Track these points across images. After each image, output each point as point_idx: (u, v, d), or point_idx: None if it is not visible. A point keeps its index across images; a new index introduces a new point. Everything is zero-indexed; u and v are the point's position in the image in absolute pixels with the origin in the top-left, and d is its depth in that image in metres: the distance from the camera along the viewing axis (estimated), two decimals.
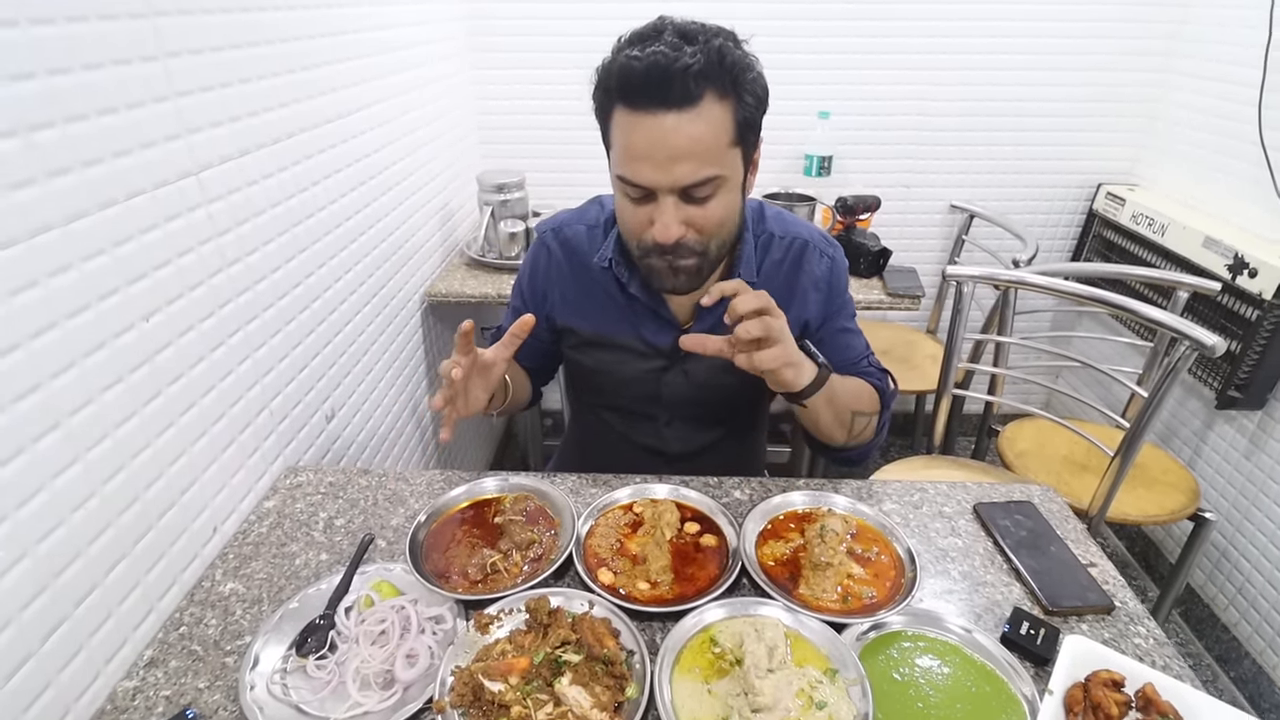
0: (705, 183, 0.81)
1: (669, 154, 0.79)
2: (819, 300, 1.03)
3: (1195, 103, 1.89)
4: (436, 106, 1.73)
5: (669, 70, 0.75)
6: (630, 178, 0.82)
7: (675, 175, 0.80)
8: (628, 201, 0.86)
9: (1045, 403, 2.52)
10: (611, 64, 0.80)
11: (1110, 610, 0.82)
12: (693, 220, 0.84)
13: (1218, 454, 1.78)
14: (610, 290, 1.02)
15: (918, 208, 2.20)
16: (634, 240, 0.89)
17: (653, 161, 0.80)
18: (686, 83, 0.76)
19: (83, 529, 0.70)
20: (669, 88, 0.76)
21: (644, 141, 0.79)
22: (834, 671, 0.71)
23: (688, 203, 0.83)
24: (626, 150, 0.81)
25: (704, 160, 0.80)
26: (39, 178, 0.64)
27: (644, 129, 0.79)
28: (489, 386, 0.89)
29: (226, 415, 0.93)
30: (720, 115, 0.79)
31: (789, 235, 1.02)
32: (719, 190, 0.83)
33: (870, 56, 1.99)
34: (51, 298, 0.66)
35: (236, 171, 0.93)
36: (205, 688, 0.72)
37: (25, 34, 0.62)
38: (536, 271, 1.07)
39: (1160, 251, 1.89)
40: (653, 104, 0.77)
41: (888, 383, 1.07)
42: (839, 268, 1.04)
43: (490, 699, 0.68)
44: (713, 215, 0.85)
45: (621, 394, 1.09)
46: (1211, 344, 1.18)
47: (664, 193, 0.82)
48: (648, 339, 1.02)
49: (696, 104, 0.77)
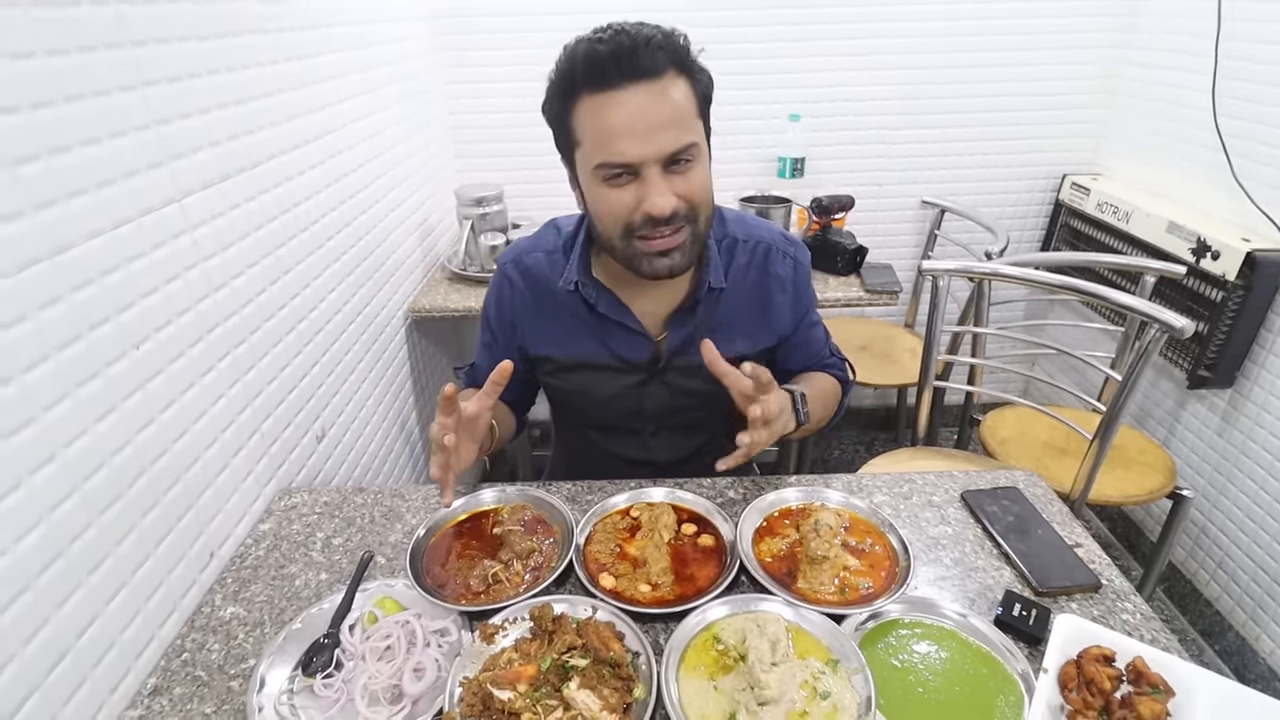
0: (687, 148, 0.83)
1: (649, 124, 0.81)
2: (787, 304, 1.05)
3: (1151, 92, 1.95)
4: (410, 124, 1.74)
5: (635, 44, 0.79)
6: (613, 159, 0.83)
7: (660, 143, 0.81)
8: (609, 189, 0.86)
9: (1024, 390, 2.58)
10: (573, 56, 0.82)
11: (1097, 588, 0.85)
12: (680, 191, 0.85)
13: (1191, 432, 1.83)
14: (578, 312, 1.02)
15: (890, 205, 2.24)
16: (620, 227, 0.88)
17: (634, 135, 0.81)
18: (654, 53, 0.80)
19: (82, 560, 0.70)
20: (637, 59, 0.79)
21: (623, 116, 0.81)
22: (835, 662, 0.73)
23: (672, 174, 0.84)
24: (605, 132, 0.82)
25: (682, 127, 0.82)
26: (26, 210, 0.64)
27: (619, 105, 0.80)
28: (476, 438, 0.88)
29: (219, 440, 0.93)
30: (684, 87, 0.83)
31: (751, 238, 1.04)
32: (697, 160, 0.86)
33: (838, 59, 2.03)
34: (43, 330, 0.66)
35: (219, 196, 0.93)
36: (212, 713, 0.72)
37: (8, 68, 0.62)
38: (502, 303, 1.06)
39: (1126, 238, 1.95)
40: (624, 78, 0.80)
41: (847, 371, 1.11)
42: (802, 267, 1.07)
43: (500, 707, 0.68)
44: (695, 182, 0.86)
45: (604, 412, 1.09)
46: (1180, 326, 1.22)
47: (649, 165, 0.83)
48: (623, 355, 1.03)
49: (663, 75, 0.81)
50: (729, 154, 2.13)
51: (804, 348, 1.09)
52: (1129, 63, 2.02)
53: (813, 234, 1.84)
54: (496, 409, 1.04)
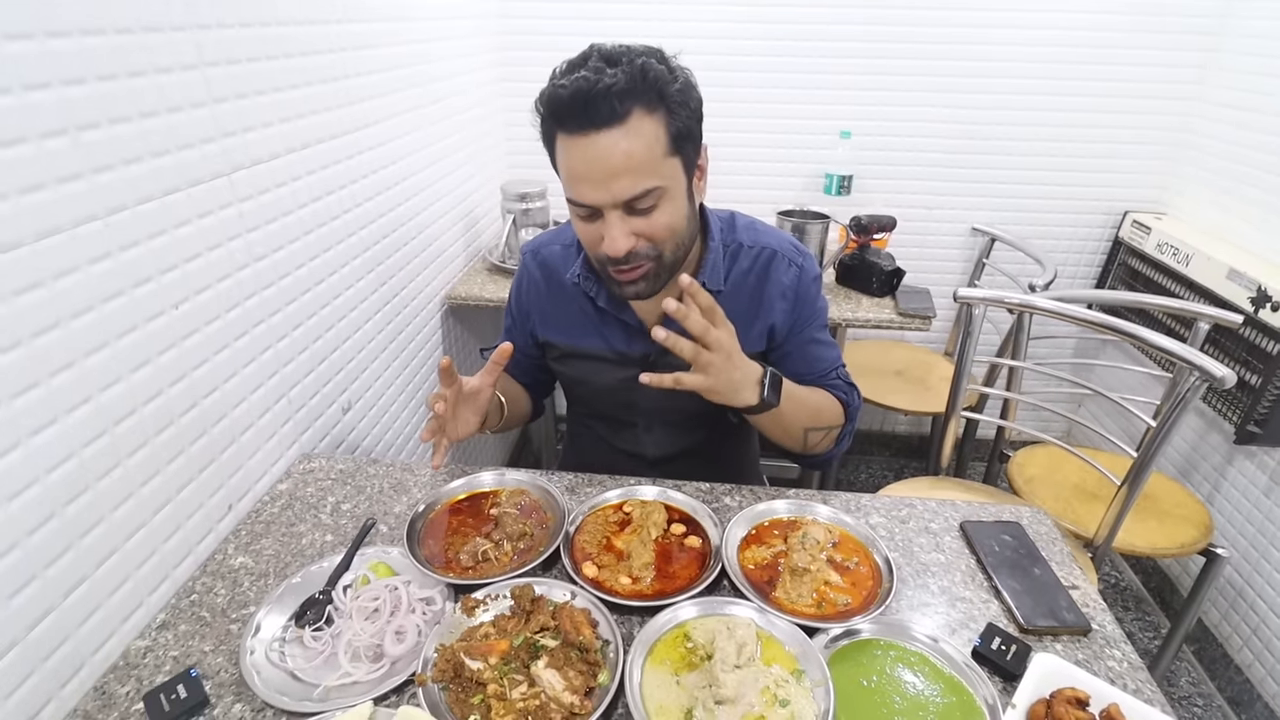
0: (645, 194, 0.84)
1: (605, 172, 0.82)
2: (785, 309, 1.04)
3: (1224, 133, 1.87)
4: (465, 117, 1.80)
5: (592, 92, 0.78)
6: (575, 198, 0.86)
7: (614, 191, 0.82)
8: (580, 221, 0.90)
9: (1066, 431, 2.49)
10: (543, 95, 0.84)
11: (1086, 632, 0.82)
12: (640, 231, 0.86)
13: (1237, 490, 1.74)
14: (582, 305, 1.06)
15: (939, 229, 2.20)
16: (592, 256, 0.94)
17: (591, 181, 0.83)
18: (611, 101, 0.79)
19: (107, 496, 0.76)
20: (595, 108, 0.79)
21: (581, 162, 0.82)
22: (801, 672, 0.73)
23: (633, 215, 0.85)
24: (569, 173, 0.85)
25: (640, 173, 0.82)
26: (85, 173, 0.71)
27: (579, 150, 0.82)
28: (478, 410, 0.95)
29: (246, 401, 0.99)
30: (651, 128, 0.82)
31: (758, 245, 1.04)
32: (662, 200, 0.86)
33: (894, 78, 2.01)
34: (90, 282, 0.72)
35: (267, 174, 1.00)
36: (210, 651, 0.77)
37: (77, 43, 0.69)
38: (520, 291, 1.13)
39: (1184, 282, 1.87)
40: (582, 125, 0.80)
41: (853, 397, 1.08)
42: (807, 276, 1.05)
43: (470, 676, 0.71)
44: (659, 224, 0.87)
45: (601, 402, 1.14)
46: (1221, 375, 1.17)
47: (608, 209, 0.84)
48: (618, 348, 1.06)
49: (624, 120, 0.80)
50: (775, 166, 2.13)
51: (802, 361, 1.06)
52: (1205, 100, 1.94)
53: (850, 252, 1.82)
54: (510, 388, 1.11)
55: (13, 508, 0.66)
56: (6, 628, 0.67)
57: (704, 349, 0.83)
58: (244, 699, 0.72)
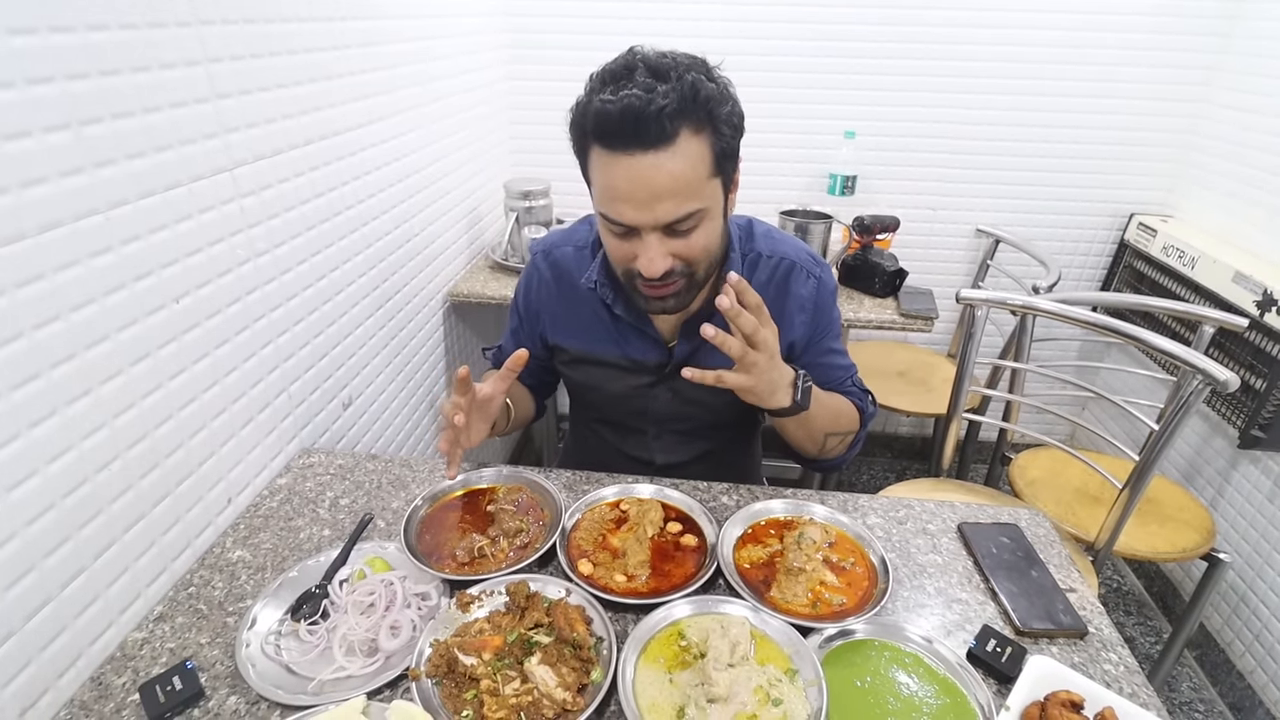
0: (688, 217, 0.82)
1: (650, 194, 0.79)
2: (805, 322, 1.03)
3: (1231, 135, 1.86)
4: (470, 114, 1.81)
5: (644, 112, 0.75)
6: (613, 217, 0.83)
7: (657, 214, 0.81)
8: (611, 236, 0.88)
9: (1070, 434, 2.48)
10: (586, 106, 0.81)
11: (1083, 635, 0.82)
12: (677, 252, 0.85)
13: (1240, 495, 1.73)
14: (597, 310, 1.04)
15: (943, 230, 2.19)
16: (620, 269, 0.92)
17: (634, 202, 0.80)
18: (662, 123, 0.76)
19: (106, 488, 0.77)
20: (645, 129, 0.76)
21: (624, 182, 0.80)
22: (794, 672, 0.73)
23: (671, 237, 0.84)
24: (607, 190, 0.82)
25: (685, 196, 0.80)
26: (87, 167, 0.71)
27: (622, 170, 0.79)
28: (488, 418, 0.93)
29: (246, 395, 1.00)
30: (697, 149, 0.80)
31: (776, 255, 1.03)
32: (702, 222, 0.84)
33: (898, 79, 2.00)
34: (92, 276, 0.73)
35: (270, 169, 1.00)
36: (206, 643, 0.78)
37: (81, 38, 0.69)
38: (529, 292, 1.10)
39: (1189, 285, 1.86)
40: (629, 146, 0.78)
41: (868, 404, 1.08)
42: (825, 288, 1.04)
43: (463, 671, 0.72)
44: (696, 245, 0.86)
45: (611, 408, 1.12)
46: (1224, 379, 1.17)
47: (647, 229, 0.82)
48: (634, 356, 1.04)
49: (673, 142, 0.78)
50: (779, 166, 2.13)
51: (819, 371, 1.06)
52: (1212, 103, 1.93)
53: (853, 252, 1.82)
54: (515, 391, 1.10)
55: (12, 498, 0.66)
56: (4, 618, 0.67)
57: (751, 348, 0.81)
58: (239, 691, 0.72)
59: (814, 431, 0.98)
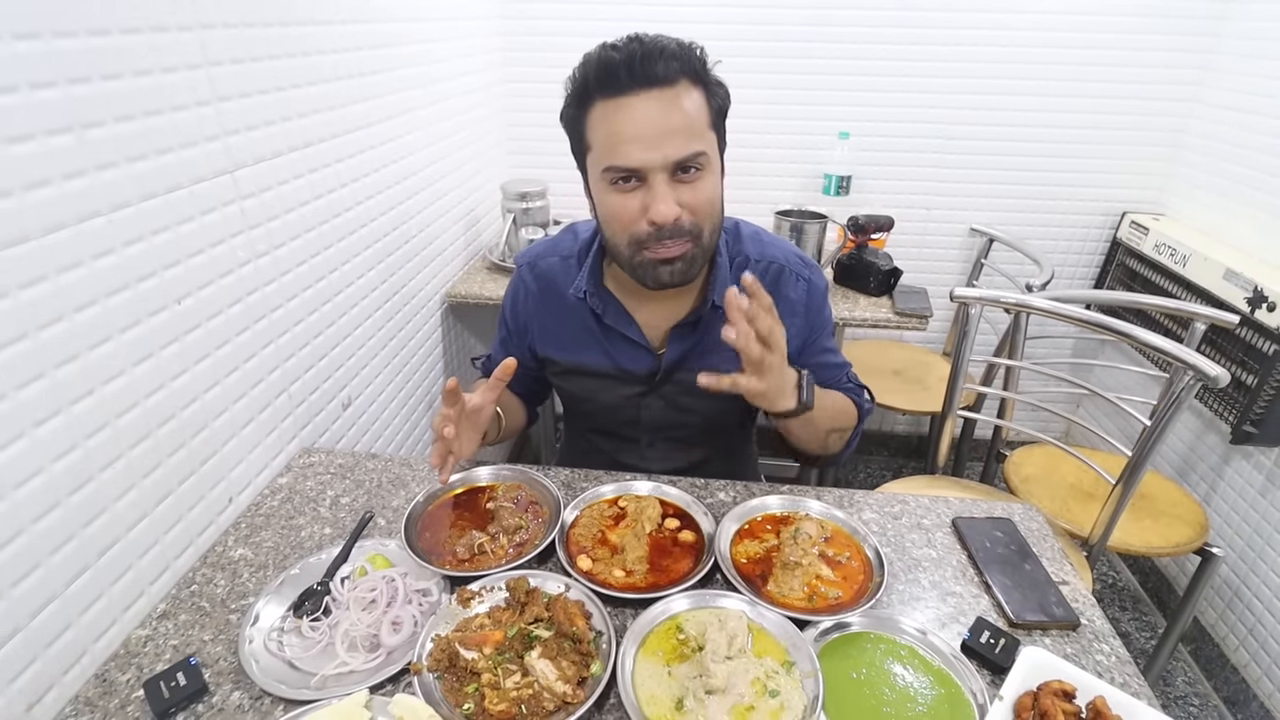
0: (694, 157, 0.84)
1: (658, 130, 0.82)
2: (798, 325, 1.04)
3: (1223, 134, 1.88)
4: (467, 117, 1.82)
5: (648, 51, 0.81)
6: (621, 163, 0.84)
7: (666, 150, 0.82)
8: (617, 194, 0.87)
9: (1065, 431, 2.50)
10: (588, 62, 0.85)
11: (1075, 627, 0.83)
12: (685, 201, 0.86)
13: (1234, 490, 1.75)
14: (585, 320, 1.04)
15: (937, 229, 2.21)
16: (626, 235, 0.89)
17: (643, 141, 0.82)
18: (668, 62, 0.82)
19: (110, 486, 0.78)
20: (651, 66, 0.81)
21: (632, 122, 0.82)
22: (791, 664, 0.74)
23: (678, 183, 0.85)
24: (614, 136, 0.84)
25: (691, 134, 0.84)
26: (89, 169, 0.72)
27: (629, 111, 0.82)
28: (479, 428, 0.92)
29: (247, 395, 1.01)
30: (697, 98, 0.85)
31: (765, 258, 1.03)
32: (705, 170, 0.86)
33: (892, 79, 2.02)
34: (93, 277, 0.73)
35: (270, 172, 1.01)
36: (209, 640, 0.79)
37: (83, 43, 0.70)
38: (517, 304, 1.11)
39: (1181, 282, 1.88)
40: (636, 84, 0.82)
41: (864, 399, 1.09)
42: (815, 289, 1.05)
43: (464, 666, 0.73)
44: (703, 194, 0.87)
45: (603, 418, 1.12)
46: (1215, 374, 1.18)
47: (655, 172, 0.84)
48: (623, 366, 1.04)
49: (675, 83, 0.83)
50: (774, 167, 2.14)
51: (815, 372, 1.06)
52: (1203, 102, 1.94)
53: (847, 252, 1.83)
54: (505, 400, 1.09)
55: (18, 496, 0.67)
56: (10, 615, 0.68)
57: (768, 350, 0.79)
58: (242, 687, 0.73)
59: (817, 430, 0.97)
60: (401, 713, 0.66)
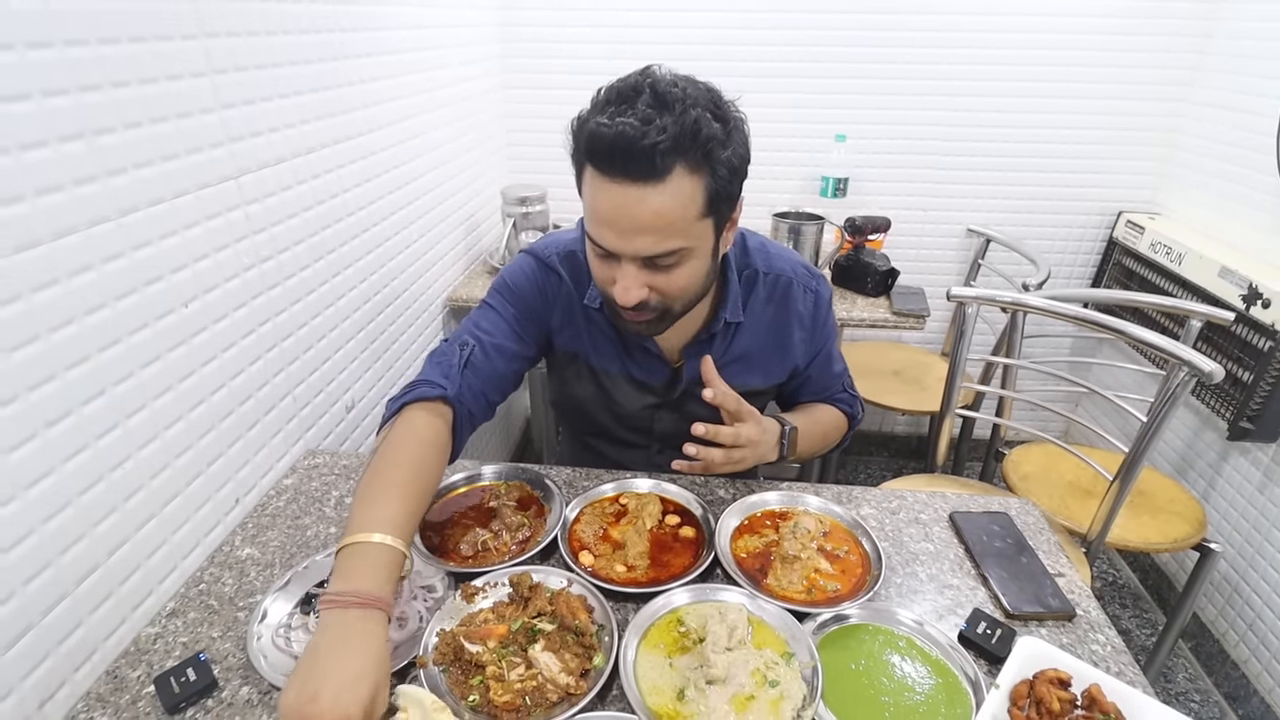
0: (668, 254, 0.81)
1: (632, 225, 0.79)
2: (804, 338, 1.06)
3: (1216, 133, 1.90)
4: (467, 123, 1.84)
5: (636, 144, 0.73)
6: (595, 238, 0.83)
7: (636, 246, 0.80)
8: (594, 255, 0.88)
9: (1064, 430, 2.51)
10: (584, 125, 0.79)
11: (1071, 617, 0.85)
12: (655, 285, 0.84)
13: (1231, 486, 1.76)
14: (603, 327, 1.03)
15: (934, 230, 2.23)
16: (599, 289, 0.92)
17: (615, 229, 0.80)
18: (653, 158, 0.74)
19: (119, 487, 0.79)
20: (634, 161, 0.75)
21: (607, 208, 0.79)
22: (790, 655, 0.75)
23: (650, 269, 0.83)
24: (593, 212, 0.82)
25: (667, 234, 0.79)
26: (100, 175, 0.74)
27: (608, 196, 0.78)
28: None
29: (253, 397, 1.02)
30: (690, 189, 0.78)
31: (773, 271, 1.04)
32: (684, 260, 0.83)
33: (888, 81, 2.04)
34: (103, 281, 0.75)
35: (273, 177, 1.03)
36: (218, 637, 0.80)
37: (94, 51, 0.72)
38: (543, 286, 1.03)
39: (1177, 280, 1.89)
40: (618, 174, 0.76)
41: (857, 409, 1.12)
42: (822, 300, 1.07)
43: (469, 659, 0.74)
44: (675, 283, 0.85)
45: (614, 425, 1.11)
46: (1209, 370, 1.20)
47: (626, 257, 0.82)
48: (639, 377, 1.05)
49: (663, 179, 0.76)
50: (771, 170, 2.16)
51: (816, 382, 1.11)
52: (1196, 101, 1.96)
53: (845, 253, 1.85)
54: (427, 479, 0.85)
55: (30, 495, 0.69)
56: (22, 612, 0.69)
57: (734, 451, 0.92)
58: (251, 681, 0.74)
59: (802, 457, 1.08)
60: (405, 703, 0.68)
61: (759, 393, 1.08)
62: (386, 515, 0.75)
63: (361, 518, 0.74)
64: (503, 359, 0.99)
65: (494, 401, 1.00)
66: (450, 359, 0.95)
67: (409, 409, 0.89)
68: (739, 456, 0.92)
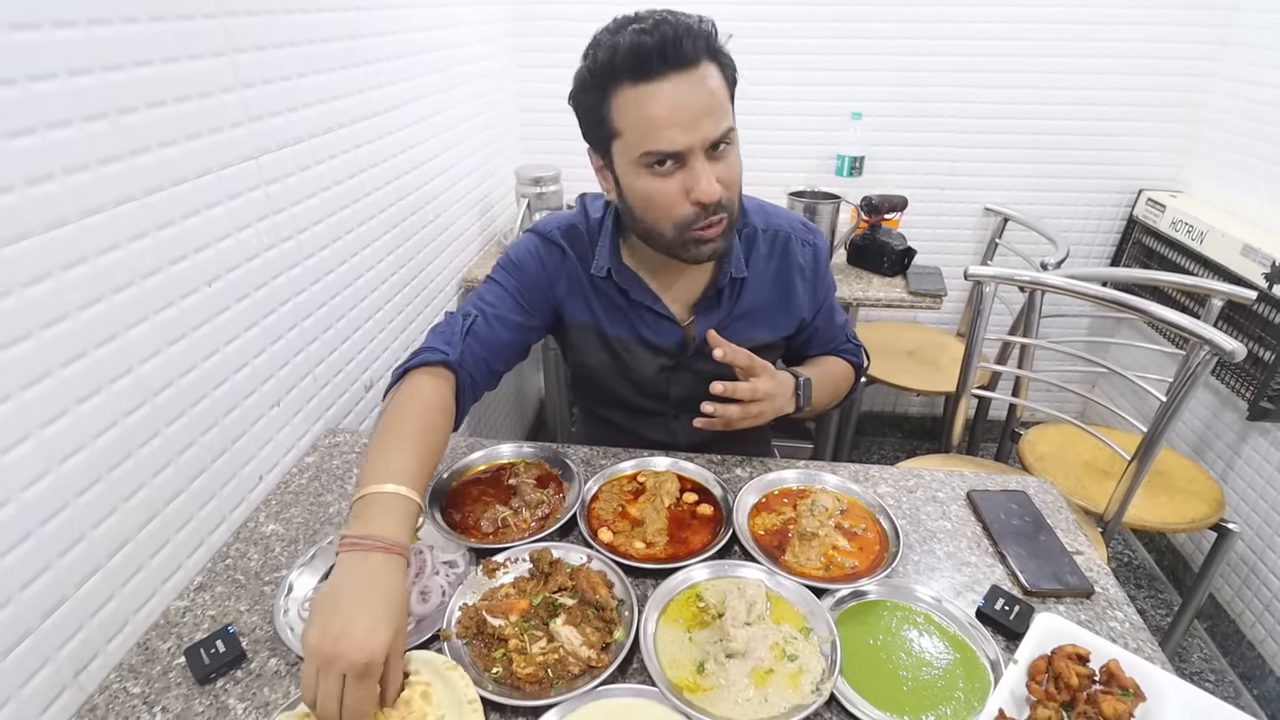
0: (726, 133, 0.86)
1: (695, 110, 0.83)
2: (807, 290, 1.09)
3: (1239, 109, 1.86)
4: (481, 102, 1.83)
5: (677, 33, 0.82)
6: (663, 148, 0.84)
7: (705, 130, 0.84)
8: (654, 179, 0.87)
9: (1081, 411, 2.49)
10: (614, 47, 0.83)
11: (1089, 594, 0.85)
12: (720, 177, 0.87)
13: (1250, 467, 1.74)
14: (611, 296, 1.04)
15: (951, 209, 2.20)
16: (670, 220, 0.89)
17: (680, 124, 0.83)
18: (695, 42, 0.82)
19: (148, 463, 0.80)
20: (679, 50, 0.82)
21: (667, 107, 0.83)
22: (809, 630, 0.76)
23: (713, 160, 0.87)
24: (651, 121, 0.83)
25: (724, 110, 0.86)
26: (124, 155, 0.74)
27: (663, 95, 0.82)
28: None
29: (275, 376, 1.03)
30: (717, 74, 0.86)
31: (771, 228, 1.07)
32: (733, 144, 0.89)
33: (905, 59, 2.01)
34: (130, 260, 0.76)
35: (292, 157, 1.03)
36: (245, 610, 0.82)
37: (117, 30, 0.72)
38: (545, 259, 1.04)
39: (1198, 259, 1.86)
40: (667, 70, 0.82)
41: (861, 357, 1.16)
42: (820, 252, 1.10)
43: (492, 633, 0.75)
44: (734, 168, 0.90)
45: (631, 393, 1.11)
46: (1230, 349, 1.18)
47: (695, 152, 0.85)
48: (651, 340, 1.05)
49: (700, 63, 0.84)
50: (787, 149, 2.14)
51: (823, 334, 1.13)
52: (1219, 76, 1.92)
53: (861, 232, 1.83)
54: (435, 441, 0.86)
55: (63, 470, 0.70)
56: (59, 584, 0.71)
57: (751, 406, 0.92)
58: (279, 653, 0.76)
59: (818, 408, 1.07)
60: (417, 666, 0.69)
61: (768, 346, 1.09)
62: (398, 466, 0.77)
63: (373, 470, 0.76)
64: (505, 328, 1.00)
65: (496, 370, 1.01)
66: (453, 328, 0.97)
67: (412, 373, 0.91)
68: (756, 410, 0.93)
